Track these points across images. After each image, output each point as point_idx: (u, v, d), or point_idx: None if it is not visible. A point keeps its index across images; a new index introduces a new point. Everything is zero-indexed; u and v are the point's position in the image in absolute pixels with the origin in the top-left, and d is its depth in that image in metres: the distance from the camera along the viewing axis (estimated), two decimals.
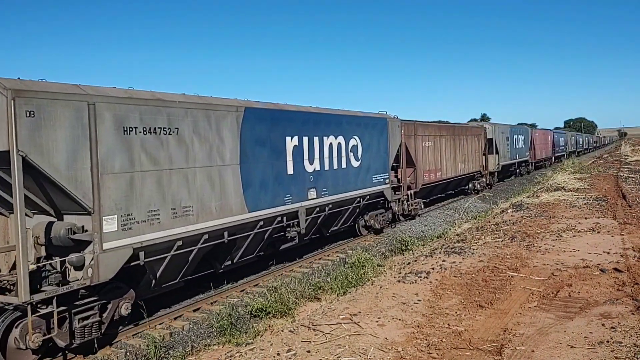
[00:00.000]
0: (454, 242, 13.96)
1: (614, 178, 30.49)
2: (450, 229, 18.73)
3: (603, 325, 7.30)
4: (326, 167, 14.94)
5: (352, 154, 16.38)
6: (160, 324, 10.45)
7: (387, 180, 18.60)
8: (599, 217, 16.42)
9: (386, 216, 19.20)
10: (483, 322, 7.76)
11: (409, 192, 20.73)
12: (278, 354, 6.99)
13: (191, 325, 10.46)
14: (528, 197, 24.07)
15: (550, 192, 24.39)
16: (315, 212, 14.52)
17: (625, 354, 6.28)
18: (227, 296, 12.26)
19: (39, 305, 7.92)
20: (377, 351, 6.86)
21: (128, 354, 9.18)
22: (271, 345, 7.38)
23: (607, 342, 6.69)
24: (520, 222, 16.45)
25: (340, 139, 15.82)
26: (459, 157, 26.98)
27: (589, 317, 7.65)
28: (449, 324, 7.73)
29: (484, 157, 31.54)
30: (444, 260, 11.67)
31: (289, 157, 13.32)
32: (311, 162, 14.24)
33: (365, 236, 18.70)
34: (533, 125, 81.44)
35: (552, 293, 8.91)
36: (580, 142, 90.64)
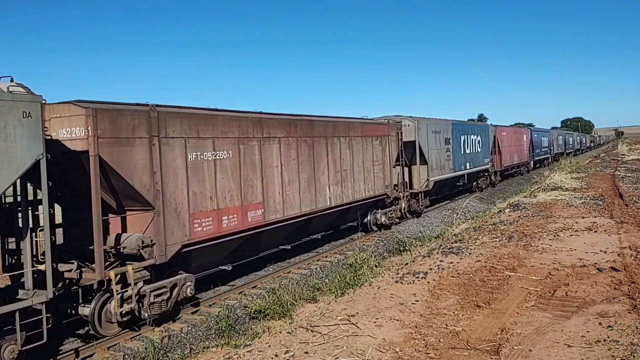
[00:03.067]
0: (452, 243, 13.98)
1: (611, 177, 30.57)
2: (447, 229, 18.76)
3: (600, 324, 7.32)
4: None
5: None
6: (158, 327, 10.45)
7: None
8: (596, 217, 16.45)
9: None
10: (480, 322, 7.77)
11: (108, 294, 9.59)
12: (276, 356, 6.99)
13: (189, 328, 10.47)
14: (525, 196, 24.12)
15: (547, 191, 24.43)
16: None
17: (622, 352, 6.30)
18: (226, 298, 12.26)
19: None
20: (375, 352, 6.87)
21: (126, 356, 9.18)
22: (269, 346, 7.38)
23: (604, 341, 6.71)
24: (517, 221, 16.47)
25: None
26: (328, 175, 15.76)
27: (586, 316, 7.67)
28: (446, 324, 7.74)
29: (399, 169, 20.91)
30: (441, 261, 11.68)
31: None
32: None
33: None
34: (530, 125, 74.18)
35: (550, 292, 8.93)
36: (571, 142, 79.17)
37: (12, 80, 8.26)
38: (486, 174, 32.86)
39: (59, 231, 10.79)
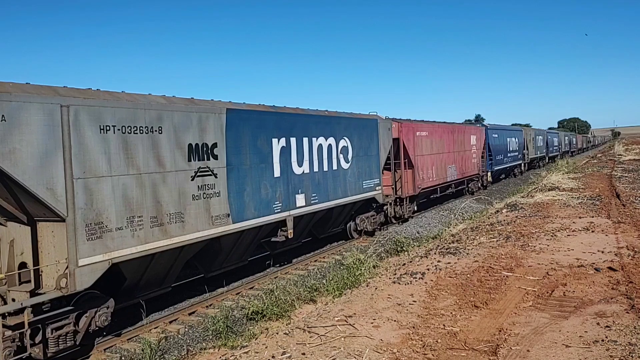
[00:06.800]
0: (449, 243, 13.97)
1: (608, 177, 30.62)
2: (445, 230, 18.74)
3: (598, 324, 7.31)
4: None
5: None
6: (155, 328, 10.41)
7: None
8: (593, 217, 16.46)
9: None
10: (478, 323, 7.75)
11: None
12: (273, 357, 6.96)
13: (186, 329, 10.42)
14: (522, 197, 24.14)
15: (544, 191, 24.47)
16: None
17: (620, 352, 6.29)
18: (223, 299, 12.22)
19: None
20: (372, 352, 6.84)
21: (123, 358, 9.14)
22: (266, 348, 7.35)
23: (602, 340, 6.70)
24: (514, 222, 16.48)
25: None
26: None
27: (584, 316, 7.66)
28: (444, 325, 7.72)
29: None
30: (439, 261, 11.67)
31: None
32: None
33: None
34: (527, 126, 64.46)
35: (547, 292, 8.92)
36: (556, 144, 62.67)
37: None
38: (376, 206, 18.93)
39: None
